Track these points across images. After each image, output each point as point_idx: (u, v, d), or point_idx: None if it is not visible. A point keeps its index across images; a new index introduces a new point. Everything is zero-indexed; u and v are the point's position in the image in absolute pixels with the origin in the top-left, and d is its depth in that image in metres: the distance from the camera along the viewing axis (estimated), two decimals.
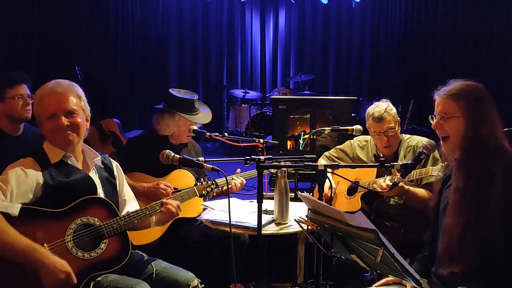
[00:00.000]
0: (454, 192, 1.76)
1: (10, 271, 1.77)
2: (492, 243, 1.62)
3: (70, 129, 1.98)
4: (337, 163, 2.72)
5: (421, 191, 2.50)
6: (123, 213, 2.13)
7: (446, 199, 1.83)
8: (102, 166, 2.14)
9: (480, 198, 1.67)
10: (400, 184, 2.34)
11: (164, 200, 2.15)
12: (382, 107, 2.67)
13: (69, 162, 2.02)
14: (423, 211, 2.26)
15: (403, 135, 2.80)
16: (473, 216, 1.67)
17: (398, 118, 2.71)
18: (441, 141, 1.86)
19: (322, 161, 2.98)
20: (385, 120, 2.64)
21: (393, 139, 2.69)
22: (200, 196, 2.39)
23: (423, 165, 2.57)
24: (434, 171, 2.32)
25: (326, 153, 3.04)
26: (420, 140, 2.69)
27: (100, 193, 2.07)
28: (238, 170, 2.87)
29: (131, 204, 2.24)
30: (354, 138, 2.97)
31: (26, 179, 1.87)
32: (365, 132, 2.89)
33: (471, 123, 1.75)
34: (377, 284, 1.95)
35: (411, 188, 2.46)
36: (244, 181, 2.82)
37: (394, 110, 2.71)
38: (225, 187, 2.58)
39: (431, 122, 1.87)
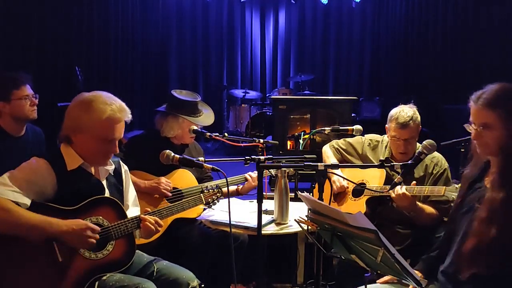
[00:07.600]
0: (493, 201, 1.68)
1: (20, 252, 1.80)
2: None
3: (114, 152, 2.00)
4: (337, 164, 2.73)
5: (428, 208, 2.46)
6: None
7: (472, 203, 1.78)
8: (112, 174, 2.13)
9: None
10: (410, 194, 2.32)
11: (142, 215, 2.07)
12: (408, 113, 2.54)
13: (83, 167, 2.01)
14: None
15: (418, 144, 2.62)
16: (506, 225, 1.63)
17: (420, 126, 2.61)
18: (475, 141, 1.77)
19: (327, 150, 2.92)
20: (409, 128, 2.52)
21: (411, 147, 2.59)
22: (206, 204, 2.41)
23: (434, 183, 2.54)
24: (448, 193, 2.24)
25: (334, 143, 2.94)
26: (436, 156, 2.60)
27: None
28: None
29: (131, 210, 2.22)
30: (366, 135, 2.87)
31: (38, 180, 1.87)
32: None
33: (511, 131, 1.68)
34: (381, 280, 1.92)
35: (420, 204, 2.43)
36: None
37: (419, 118, 2.59)
38: (230, 189, 2.60)
39: (469, 130, 1.78)
